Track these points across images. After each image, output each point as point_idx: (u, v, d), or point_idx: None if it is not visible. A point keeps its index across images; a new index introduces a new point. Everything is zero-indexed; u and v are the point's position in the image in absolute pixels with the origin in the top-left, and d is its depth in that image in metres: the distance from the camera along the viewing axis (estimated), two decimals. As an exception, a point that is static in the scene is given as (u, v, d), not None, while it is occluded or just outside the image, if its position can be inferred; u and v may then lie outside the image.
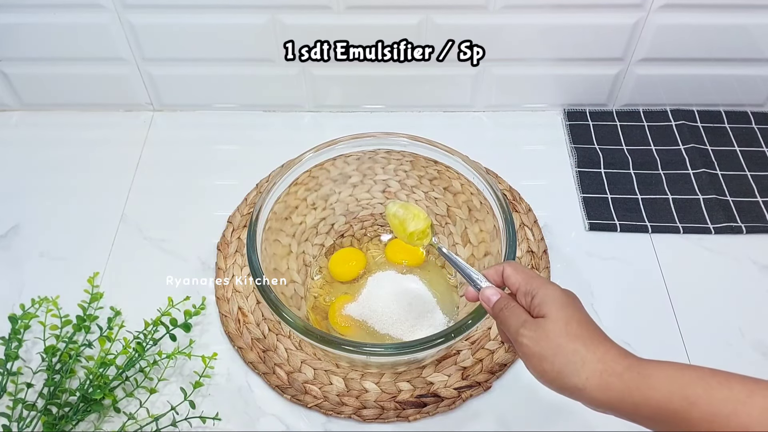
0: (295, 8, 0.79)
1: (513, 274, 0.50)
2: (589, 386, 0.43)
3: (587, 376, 0.43)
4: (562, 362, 0.44)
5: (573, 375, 0.43)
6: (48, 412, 0.60)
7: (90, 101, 0.91)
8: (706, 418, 0.39)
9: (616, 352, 0.44)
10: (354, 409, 0.64)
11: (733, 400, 0.39)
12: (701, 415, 0.39)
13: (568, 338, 0.45)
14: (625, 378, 0.42)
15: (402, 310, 0.68)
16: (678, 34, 0.81)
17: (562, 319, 0.46)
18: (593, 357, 0.44)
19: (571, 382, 0.43)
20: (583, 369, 0.43)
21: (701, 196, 0.80)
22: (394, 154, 0.73)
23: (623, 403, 0.42)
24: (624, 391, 0.42)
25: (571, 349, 0.44)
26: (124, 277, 0.74)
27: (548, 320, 0.46)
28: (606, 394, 0.43)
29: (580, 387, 0.43)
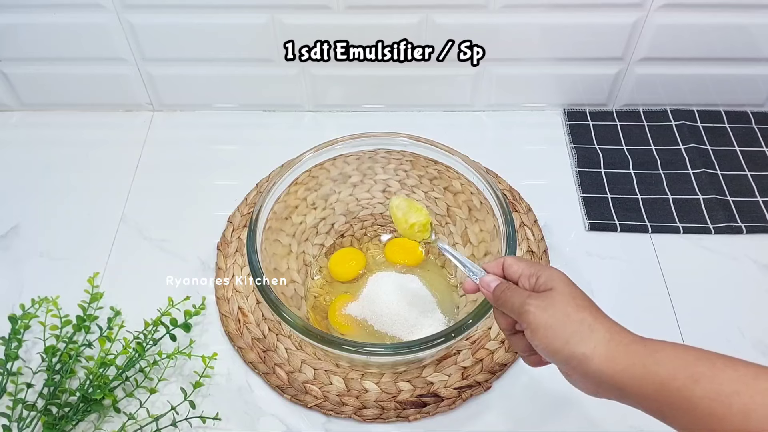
0: (295, 8, 0.79)
1: (514, 263, 0.51)
2: (596, 355, 0.43)
3: (595, 344, 0.43)
4: (570, 330, 0.44)
5: (581, 343, 0.43)
6: (48, 412, 0.60)
7: (90, 101, 0.91)
8: (709, 396, 0.39)
9: (621, 327, 0.44)
10: (354, 409, 0.64)
11: (737, 380, 0.39)
12: (704, 393, 0.39)
13: (576, 308, 0.45)
14: (631, 350, 0.42)
15: (402, 310, 0.68)
16: (678, 34, 0.81)
17: (569, 293, 0.46)
18: (601, 326, 0.44)
19: (579, 350, 0.43)
20: (591, 337, 0.43)
21: (701, 196, 0.80)
22: (394, 153, 0.73)
23: (627, 377, 0.42)
24: (629, 364, 0.42)
25: (578, 318, 0.44)
26: (124, 277, 0.74)
27: (555, 291, 0.46)
28: (611, 366, 0.42)
29: (588, 355, 0.43)
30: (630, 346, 0.42)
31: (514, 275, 0.51)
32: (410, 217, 0.63)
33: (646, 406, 0.42)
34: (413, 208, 0.64)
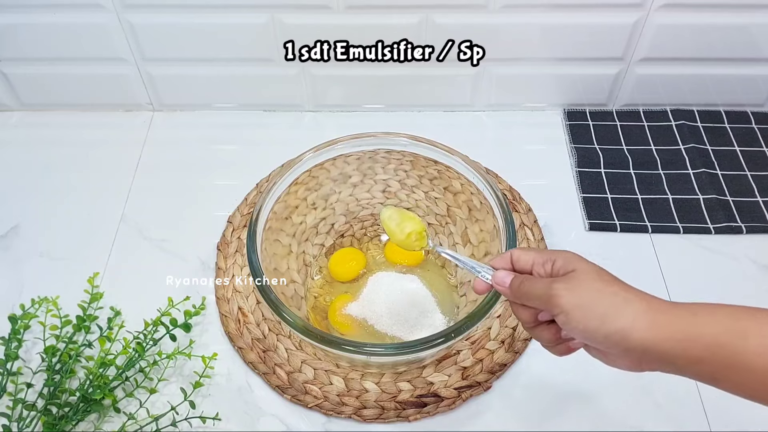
0: (295, 8, 0.79)
1: (522, 254, 0.49)
2: (637, 325, 0.41)
3: (633, 315, 0.41)
4: (604, 305, 0.42)
5: (619, 316, 0.42)
6: (48, 412, 0.60)
7: (90, 101, 0.91)
8: (759, 351, 0.38)
9: (654, 296, 0.43)
10: (354, 409, 0.64)
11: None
12: (755, 347, 0.38)
13: (605, 283, 0.44)
14: (672, 315, 0.41)
15: (402, 310, 0.68)
16: (678, 34, 0.81)
17: (593, 269, 0.45)
18: (635, 297, 0.42)
19: (618, 324, 0.41)
20: (628, 308, 0.42)
21: (701, 196, 0.80)
22: (394, 153, 0.73)
23: (673, 343, 0.40)
24: (673, 330, 0.41)
25: (610, 291, 0.43)
26: (124, 277, 0.74)
27: (578, 272, 0.45)
28: (655, 333, 0.41)
29: (628, 327, 0.41)
30: (670, 311, 0.41)
31: (525, 266, 0.49)
32: (405, 226, 0.60)
33: (695, 370, 0.41)
34: (406, 216, 0.61)
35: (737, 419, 0.63)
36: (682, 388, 0.65)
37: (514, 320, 0.69)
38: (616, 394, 0.64)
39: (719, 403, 0.64)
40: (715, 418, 0.63)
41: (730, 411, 0.63)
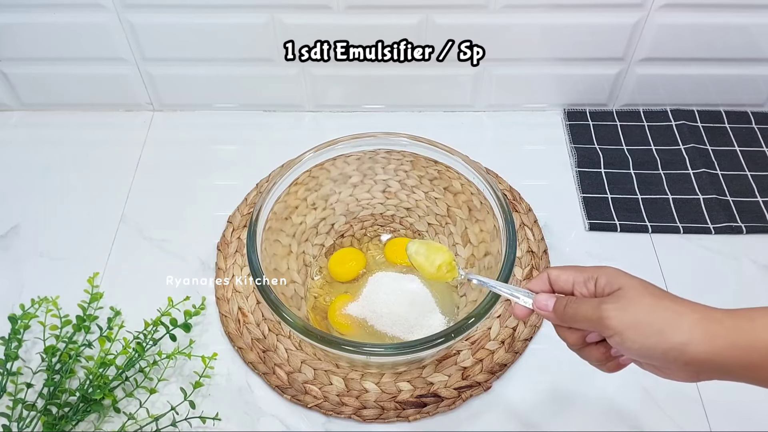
0: (295, 8, 0.79)
1: (561, 273, 0.48)
2: (694, 338, 0.40)
3: (689, 328, 0.41)
4: (659, 320, 0.41)
5: (675, 330, 0.41)
6: (48, 412, 0.60)
7: (90, 101, 0.91)
8: None
9: (705, 305, 0.42)
10: (354, 409, 0.64)
11: None
12: None
13: (655, 298, 0.43)
14: (728, 324, 0.41)
15: (402, 310, 0.68)
16: (678, 34, 0.81)
17: (640, 285, 0.44)
18: (687, 309, 0.42)
19: (676, 339, 0.41)
20: (683, 321, 0.41)
21: (701, 196, 0.80)
22: (394, 154, 0.73)
23: (731, 353, 0.40)
24: (730, 337, 0.40)
25: (663, 306, 0.42)
26: (124, 277, 0.74)
27: (626, 289, 0.44)
28: (713, 344, 0.40)
29: (686, 341, 0.41)
30: (725, 320, 0.41)
31: (566, 286, 0.48)
32: (435, 259, 0.59)
33: (753, 377, 0.41)
34: (433, 248, 0.60)
35: (737, 419, 0.63)
36: (683, 388, 0.65)
37: (514, 320, 0.69)
38: (616, 394, 0.64)
39: (719, 403, 0.64)
40: (715, 418, 0.63)
41: (730, 411, 0.63)
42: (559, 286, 0.49)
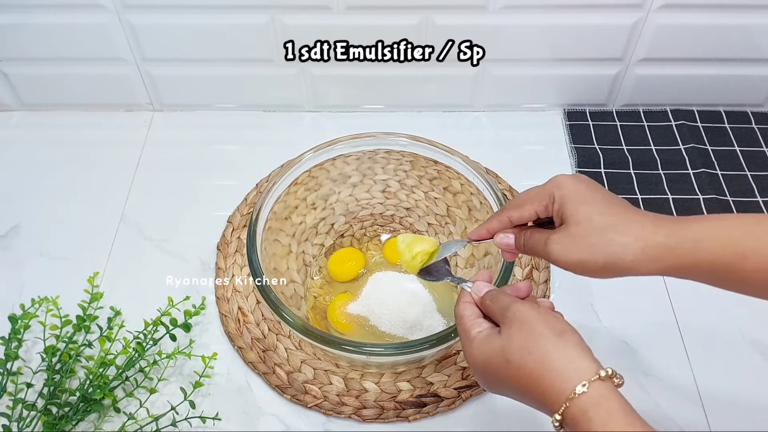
0: (295, 8, 0.79)
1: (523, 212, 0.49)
2: (637, 264, 0.43)
3: (632, 257, 0.43)
4: (602, 256, 0.44)
5: (618, 262, 0.43)
6: (48, 412, 0.60)
7: (90, 101, 0.91)
8: (759, 268, 0.41)
9: (651, 225, 0.44)
10: (354, 409, 0.64)
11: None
12: (754, 266, 0.41)
13: (597, 232, 0.44)
14: (670, 244, 0.43)
15: (401, 310, 0.68)
16: (678, 34, 0.81)
17: (584, 218, 0.45)
18: (629, 239, 0.43)
19: (620, 267, 0.44)
20: (626, 253, 0.43)
21: (701, 196, 0.80)
22: (393, 154, 0.73)
23: (676, 268, 0.43)
24: (675, 260, 0.43)
25: (604, 241, 0.44)
26: (124, 277, 0.74)
27: (570, 224, 0.45)
28: (657, 265, 0.43)
29: (630, 267, 0.43)
30: (668, 243, 0.43)
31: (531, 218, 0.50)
32: (415, 247, 0.59)
33: (698, 280, 0.44)
34: (418, 239, 0.60)
35: (737, 419, 0.63)
36: (683, 389, 0.65)
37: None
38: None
39: (719, 403, 0.64)
40: (715, 418, 0.63)
41: (730, 411, 0.63)
42: (523, 222, 0.51)
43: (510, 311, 0.45)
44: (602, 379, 0.40)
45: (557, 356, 0.41)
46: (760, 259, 0.41)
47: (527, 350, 0.42)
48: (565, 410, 0.40)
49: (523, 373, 0.42)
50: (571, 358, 0.41)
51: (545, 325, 0.43)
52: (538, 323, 0.43)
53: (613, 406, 0.39)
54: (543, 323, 0.43)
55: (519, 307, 0.45)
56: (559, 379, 0.41)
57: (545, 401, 0.41)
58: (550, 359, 0.41)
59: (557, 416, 0.40)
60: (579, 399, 0.39)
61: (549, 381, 0.41)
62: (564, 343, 0.42)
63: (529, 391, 0.42)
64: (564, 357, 0.41)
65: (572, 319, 0.46)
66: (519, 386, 0.43)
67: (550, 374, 0.41)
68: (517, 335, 0.43)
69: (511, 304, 0.45)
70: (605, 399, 0.39)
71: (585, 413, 0.39)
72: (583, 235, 0.44)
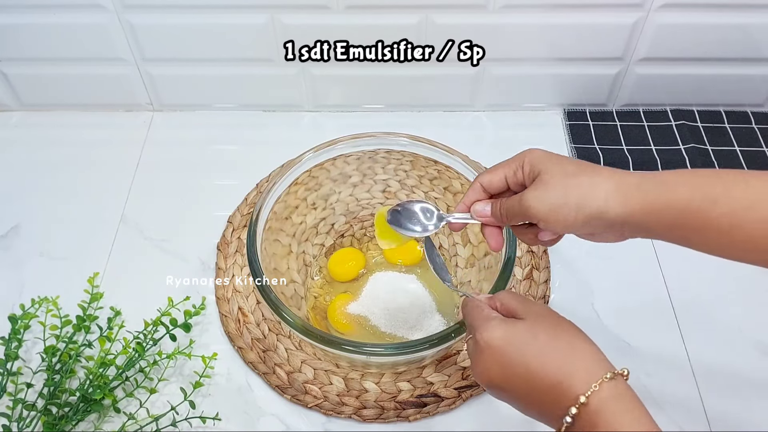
0: (295, 8, 0.79)
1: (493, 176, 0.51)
2: (609, 204, 0.44)
3: (605, 196, 0.44)
4: (575, 197, 0.45)
5: (591, 201, 0.44)
6: (48, 412, 0.60)
7: (90, 101, 0.91)
8: (727, 213, 0.42)
9: (622, 171, 0.45)
10: (354, 409, 0.64)
11: (751, 196, 0.41)
12: (722, 211, 0.42)
13: (569, 177, 0.46)
14: (644, 188, 0.44)
15: (401, 310, 0.68)
16: (678, 34, 0.81)
17: (558, 165, 0.47)
18: (601, 179, 0.45)
19: (593, 208, 0.44)
20: (598, 191, 0.44)
21: (701, 196, 0.80)
22: (394, 153, 0.73)
23: (647, 212, 0.43)
24: (645, 200, 0.43)
25: (577, 183, 0.45)
26: (124, 277, 0.74)
27: (543, 174, 0.47)
28: (628, 206, 0.44)
29: (602, 207, 0.44)
30: (641, 185, 0.44)
31: (500, 185, 0.51)
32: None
33: (670, 236, 0.45)
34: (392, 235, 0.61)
35: (737, 419, 0.63)
36: (682, 389, 0.65)
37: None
38: (616, 394, 0.64)
39: (719, 403, 0.64)
40: (715, 418, 0.63)
41: (730, 411, 0.63)
42: (494, 188, 0.52)
43: (534, 304, 0.47)
44: (618, 376, 0.42)
45: (586, 345, 0.43)
46: (729, 203, 0.41)
47: (557, 331, 0.44)
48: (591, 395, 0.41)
49: (550, 350, 0.43)
50: (596, 350, 0.43)
51: (565, 320, 0.46)
52: (561, 317, 0.46)
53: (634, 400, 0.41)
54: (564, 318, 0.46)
55: (540, 304, 0.47)
56: (585, 366, 0.42)
57: (569, 384, 0.41)
58: (581, 346, 0.43)
59: (582, 398, 0.40)
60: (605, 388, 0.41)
61: (575, 367, 0.42)
62: (586, 338, 0.44)
63: (549, 374, 0.42)
64: (592, 347, 0.43)
65: (572, 319, 0.46)
66: (539, 367, 0.43)
67: (582, 358, 0.42)
68: (546, 319, 0.45)
69: (529, 300, 0.48)
70: (627, 392, 0.41)
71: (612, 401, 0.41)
72: (555, 181, 0.46)
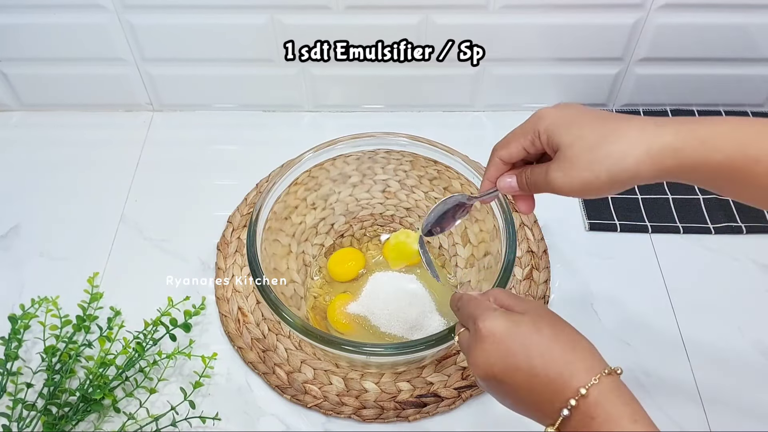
0: (295, 8, 0.79)
1: (510, 150, 0.50)
2: (643, 168, 0.42)
3: (634, 162, 0.42)
4: (605, 170, 0.43)
5: (622, 172, 0.42)
6: (48, 412, 0.60)
7: (90, 101, 0.91)
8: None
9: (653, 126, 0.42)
10: (354, 409, 0.64)
11: None
12: (765, 169, 0.40)
13: (594, 150, 0.43)
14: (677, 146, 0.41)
15: (401, 310, 0.68)
16: (678, 34, 0.81)
17: (576, 139, 0.44)
18: (630, 146, 0.42)
19: (625, 177, 0.42)
20: (629, 159, 0.42)
21: (701, 196, 0.80)
22: (393, 154, 0.73)
23: (683, 170, 0.42)
24: (681, 159, 0.41)
25: (603, 155, 0.43)
26: (124, 277, 0.74)
27: (563, 149, 0.45)
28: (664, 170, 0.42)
29: (635, 174, 0.42)
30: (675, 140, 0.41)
31: (519, 155, 0.50)
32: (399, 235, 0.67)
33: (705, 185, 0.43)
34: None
35: (737, 419, 0.63)
36: (683, 389, 0.65)
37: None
38: (615, 394, 0.64)
39: (719, 403, 0.64)
40: (715, 418, 0.63)
41: (730, 411, 0.63)
42: (515, 160, 0.50)
43: (529, 301, 0.47)
44: (614, 373, 0.41)
45: (585, 343, 0.43)
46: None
47: (560, 327, 0.44)
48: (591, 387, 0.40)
49: (553, 344, 0.42)
50: (594, 348, 0.43)
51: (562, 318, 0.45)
52: (558, 315, 0.45)
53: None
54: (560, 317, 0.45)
55: (533, 301, 0.47)
56: (585, 361, 0.41)
57: (570, 377, 0.41)
58: (581, 344, 0.43)
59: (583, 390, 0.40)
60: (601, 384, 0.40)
61: (575, 362, 0.41)
62: (584, 336, 0.44)
63: (551, 368, 0.41)
64: (590, 345, 0.43)
65: (572, 319, 0.46)
66: (541, 360, 0.42)
67: (581, 355, 0.42)
68: (547, 315, 0.45)
69: (523, 297, 0.48)
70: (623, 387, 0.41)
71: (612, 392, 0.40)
72: (579, 155, 0.44)
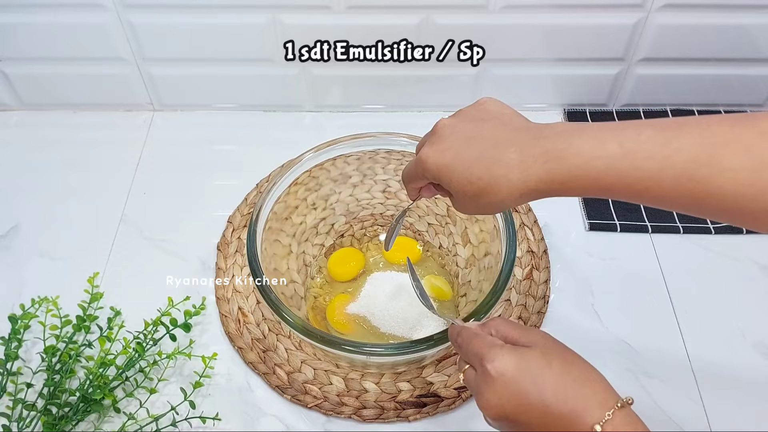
0: (295, 8, 0.79)
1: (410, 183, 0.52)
2: (525, 200, 0.46)
3: (515, 202, 0.46)
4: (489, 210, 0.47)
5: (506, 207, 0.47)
6: (48, 412, 0.60)
7: (90, 101, 0.91)
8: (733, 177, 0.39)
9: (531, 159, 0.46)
10: (354, 409, 0.64)
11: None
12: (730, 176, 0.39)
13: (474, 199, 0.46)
14: (549, 178, 0.46)
15: (401, 310, 0.68)
16: (678, 34, 0.81)
17: (458, 195, 0.47)
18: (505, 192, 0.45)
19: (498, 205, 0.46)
20: (507, 202, 0.46)
21: (701, 196, 0.80)
22: (394, 154, 0.73)
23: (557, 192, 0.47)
24: (553, 189, 0.46)
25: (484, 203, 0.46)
26: (124, 277, 0.74)
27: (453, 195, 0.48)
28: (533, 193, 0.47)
29: (505, 201, 0.45)
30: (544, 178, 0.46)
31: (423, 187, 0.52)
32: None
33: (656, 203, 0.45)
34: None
35: (737, 419, 0.63)
36: (682, 389, 0.65)
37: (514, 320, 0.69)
38: (616, 394, 0.64)
39: (719, 403, 0.64)
40: (715, 418, 0.63)
41: (730, 411, 0.63)
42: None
43: (534, 332, 0.46)
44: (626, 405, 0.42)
45: (596, 375, 0.43)
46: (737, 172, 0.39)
47: (569, 359, 0.44)
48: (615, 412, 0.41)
49: (565, 379, 0.42)
50: (605, 379, 0.43)
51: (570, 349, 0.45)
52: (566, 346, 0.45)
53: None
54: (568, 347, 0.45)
55: (538, 330, 0.46)
56: (598, 395, 0.42)
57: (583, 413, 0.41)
58: (592, 377, 0.43)
59: (598, 427, 0.41)
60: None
61: (588, 396, 0.41)
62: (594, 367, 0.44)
63: (563, 403, 0.41)
64: (601, 376, 0.43)
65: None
66: (553, 396, 0.42)
67: (593, 388, 0.42)
68: (555, 347, 0.45)
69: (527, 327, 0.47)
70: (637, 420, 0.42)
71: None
72: (466, 206, 0.47)
